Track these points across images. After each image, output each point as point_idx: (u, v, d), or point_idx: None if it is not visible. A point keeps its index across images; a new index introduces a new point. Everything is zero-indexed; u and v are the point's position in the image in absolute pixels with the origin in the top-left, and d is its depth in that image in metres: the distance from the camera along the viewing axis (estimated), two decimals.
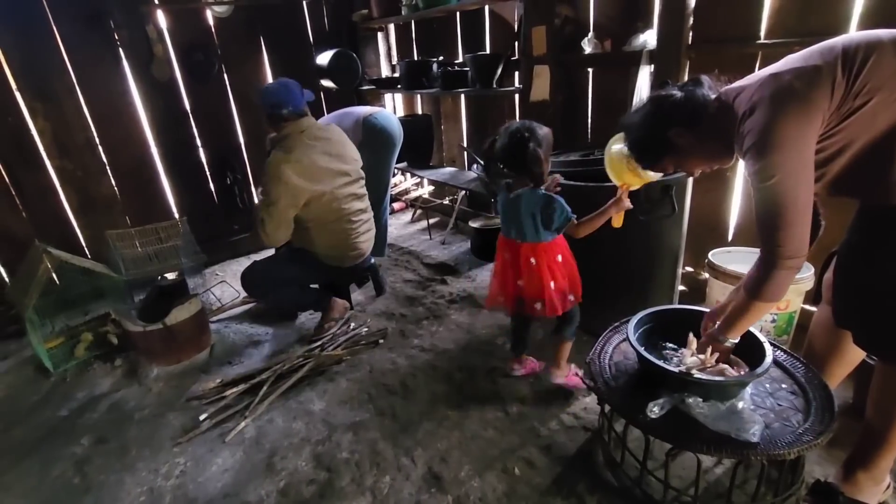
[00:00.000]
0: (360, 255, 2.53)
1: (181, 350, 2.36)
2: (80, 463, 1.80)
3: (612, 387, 1.45)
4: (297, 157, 2.18)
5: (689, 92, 1.26)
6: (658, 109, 1.29)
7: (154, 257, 2.94)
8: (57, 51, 2.80)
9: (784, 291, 1.19)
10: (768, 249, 1.15)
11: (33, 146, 2.85)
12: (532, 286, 1.77)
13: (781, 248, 1.12)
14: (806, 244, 1.14)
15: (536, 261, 1.74)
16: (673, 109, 1.26)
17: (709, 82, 1.27)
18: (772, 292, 1.18)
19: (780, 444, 1.19)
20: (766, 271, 1.16)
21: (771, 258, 1.14)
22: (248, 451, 1.79)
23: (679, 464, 1.49)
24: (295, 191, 2.17)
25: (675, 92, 1.27)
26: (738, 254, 2.13)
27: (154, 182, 3.30)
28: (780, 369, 1.46)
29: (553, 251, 1.76)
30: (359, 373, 2.18)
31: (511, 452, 1.68)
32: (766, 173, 1.10)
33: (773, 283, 1.17)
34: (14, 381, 2.36)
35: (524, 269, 1.77)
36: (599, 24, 2.55)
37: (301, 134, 2.24)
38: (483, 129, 3.54)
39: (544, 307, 1.76)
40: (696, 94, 1.25)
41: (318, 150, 2.25)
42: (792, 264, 1.14)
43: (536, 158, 1.63)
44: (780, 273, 1.15)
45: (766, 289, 1.18)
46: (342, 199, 2.35)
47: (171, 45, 3.14)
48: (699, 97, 1.25)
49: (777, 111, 1.08)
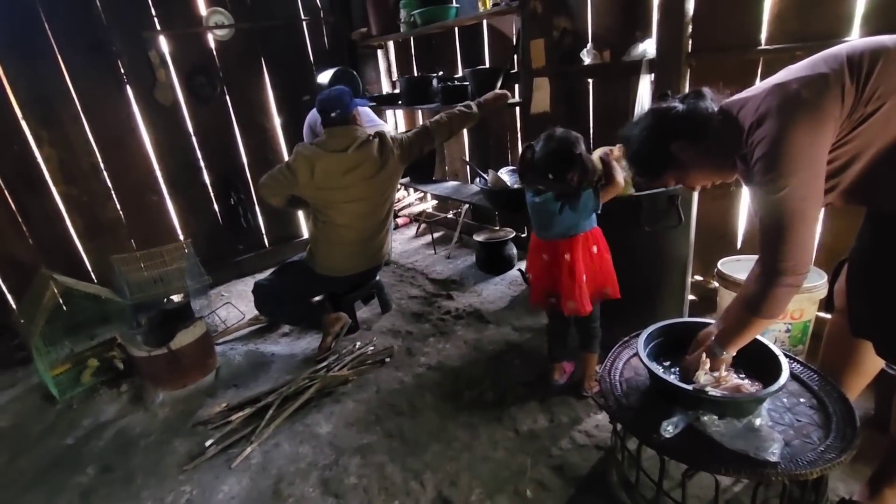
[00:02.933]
0: (335, 270, 2.54)
1: (186, 374, 2.34)
2: (85, 493, 1.78)
3: (623, 405, 1.41)
4: (313, 154, 2.31)
5: (691, 104, 1.23)
6: (660, 122, 1.27)
7: (159, 280, 2.94)
8: (62, 79, 2.84)
9: (784, 307, 1.16)
10: (770, 263, 1.12)
11: (39, 173, 2.88)
12: (565, 284, 1.75)
13: (783, 263, 1.09)
14: (809, 261, 1.11)
15: (571, 256, 1.73)
16: (675, 123, 1.23)
17: (711, 94, 1.25)
18: (772, 308, 1.15)
19: (802, 463, 1.14)
20: (766, 287, 1.13)
21: (772, 272, 1.11)
22: (254, 477, 1.76)
23: (696, 483, 1.44)
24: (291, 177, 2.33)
25: (677, 104, 1.25)
26: (747, 262, 2.09)
27: (159, 205, 3.32)
28: (798, 382, 1.41)
29: (588, 242, 1.76)
30: (365, 393, 2.15)
31: (522, 474, 1.64)
32: (775, 185, 1.07)
33: (773, 299, 1.13)
34: (21, 408, 2.35)
35: (559, 268, 1.76)
36: (598, 35, 2.55)
37: (332, 140, 2.35)
38: (485, 142, 3.54)
39: (575, 305, 1.75)
40: (699, 106, 1.23)
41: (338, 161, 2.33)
42: (793, 281, 1.11)
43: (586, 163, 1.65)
44: (780, 290, 1.12)
45: (766, 305, 1.14)
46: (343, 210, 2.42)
47: (174, 69, 3.17)
48: (702, 110, 1.22)
49: (787, 121, 1.05)
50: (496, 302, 2.84)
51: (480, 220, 3.79)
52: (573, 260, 1.73)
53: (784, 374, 1.26)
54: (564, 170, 1.65)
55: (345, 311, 2.65)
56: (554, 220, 1.73)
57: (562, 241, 1.75)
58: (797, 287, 1.13)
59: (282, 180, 2.36)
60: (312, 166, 2.30)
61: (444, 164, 3.95)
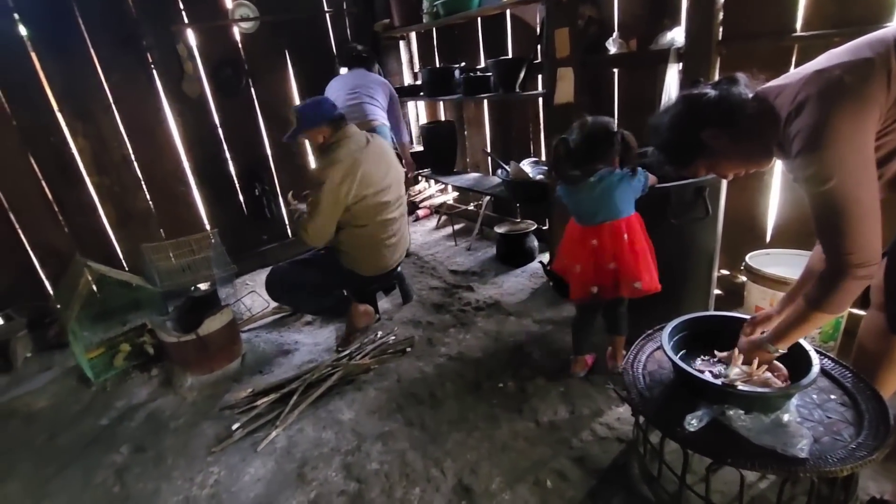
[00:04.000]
0: (385, 268, 2.54)
1: (214, 360, 2.41)
2: (119, 471, 1.86)
3: (646, 397, 1.40)
4: (341, 159, 2.24)
5: (724, 91, 1.20)
6: (690, 109, 1.23)
7: (187, 269, 3.02)
8: (94, 72, 2.92)
9: (850, 302, 1.11)
10: (835, 259, 1.06)
11: (74, 164, 2.98)
12: (627, 265, 1.74)
13: (850, 256, 1.04)
14: (877, 249, 1.05)
15: (630, 236, 1.73)
16: (707, 109, 1.20)
17: (745, 80, 1.20)
18: (838, 303, 1.10)
19: (832, 460, 1.12)
20: (834, 281, 1.08)
21: (839, 267, 1.06)
22: (279, 460, 1.81)
23: (720, 478, 1.43)
24: (338, 193, 2.23)
25: (709, 91, 1.21)
26: (777, 256, 2.05)
27: (186, 195, 3.40)
28: (828, 379, 1.38)
29: (638, 223, 1.77)
30: (387, 382, 2.18)
31: (543, 464, 1.64)
32: (821, 176, 1.02)
33: (841, 294, 1.08)
34: (59, 390, 2.46)
35: (619, 250, 1.74)
36: (624, 24, 2.50)
37: (347, 140, 2.31)
38: (506, 133, 3.52)
39: (642, 285, 1.73)
40: (731, 92, 1.19)
41: (363, 156, 2.30)
42: (864, 273, 1.05)
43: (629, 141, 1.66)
44: (851, 283, 1.06)
45: (833, 299, 1.10)
46: (377, 207, 2.38)
47: (201, 62, 3.23)
48: (735, 96, 1.18)
49: (828, 109, 1.01)
50: (517, 294, 2.84)
51: (501, 212, 3.78)
52: (632, 238, 1.73)
53: (814, 369, 1.23)
54: (606, 149, 1.67)
55: (367, 301, 2.68)
56: (604, 202, 1.72)
57: (615, 222, 1.73)
58: (869, 278, 1.07)
59: (334, 210, 2.26)
60: (355, 175, 2.24)
61: (466, 155, 3.94)
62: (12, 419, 2.26)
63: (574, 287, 1.87)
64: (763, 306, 1.93)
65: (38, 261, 2.98)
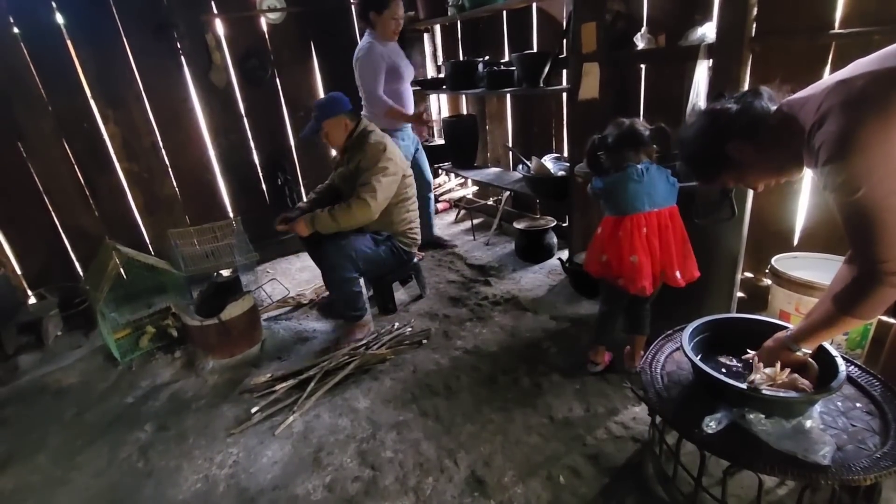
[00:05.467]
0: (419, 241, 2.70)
1: (235, 344, 2.46)
2: (143, 448, 1.92)
3: (664, 398, 1.39)
4: (385, 139, 2.46)
5: (746, 104, 1.19)
6: (714, 123, 1.24)
7: (211, 255, 3.09)
8: (126, 61, 3.00)
9: (882, 310, 1.09)
10: (869, 266, 1.04)
11: (105, 150, 3.06)
12: (670, 255, 1.75)
13: (885, 264, 1.01)
14: None
15: (673, 224, 1.75)
16: (730, 122, 1.20)
17: (769, 93, 1.20)
18: (869, 310, 1.08)
19: (855, 469, 1.10)
20: (867, 287, 1.06)
21: (873, 275, 1.04)
22: (296, 445, 1.85)
23: (737, 482, 1.41)
24: (397, 168, 2.43)
25: (731, 105, 1.21)
26: (805, 259, 2.00)
27: (211, 183, 3.47)
28: (854, 386, 1.35)
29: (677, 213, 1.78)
30: (402, 372, 2.20)
31: (556, 460, 1.65)
32: (849, 187, 1.00)
33: (873, 301, 1.06)
34: (87, 368, 2.54)
35: (668, 237, 1.76)
36: (653, 18, 2.45)
37: (372, 125, 2.52)
38: (528, 128, 3.49)
39: (683, 274, 1.75)
40: (754, 105, 1.18)
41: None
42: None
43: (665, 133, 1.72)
44: (884, 290, 1.04)
45: (864, 305, 1.07)
46: (408, 181, 2.57)
47: (228, 52, 3.28)
48: (758, 108, 1.18)
49: (851, 120, 0.99)
50: (534, 290, 2.83)
51: (521, 208, 3.76)
52: (675, 228, 1.75)
53: (840, 376, 1.20)
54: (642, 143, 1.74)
55: (384, 292, 2.71)
56: (657, 186, 1.73)
57: (662, 210, 1.75)
58: None
59: (393, 184, 2.41)
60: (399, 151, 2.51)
61: (487, 150, 3.93)
62: (44, 394, 2.35)
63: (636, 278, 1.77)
64: (788, 310, 1.89)
65: (70, 243, 3.08)
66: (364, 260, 2.42)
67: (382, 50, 2.92)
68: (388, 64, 2.94)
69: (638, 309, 1.92)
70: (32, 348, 2.74)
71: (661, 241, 1.75)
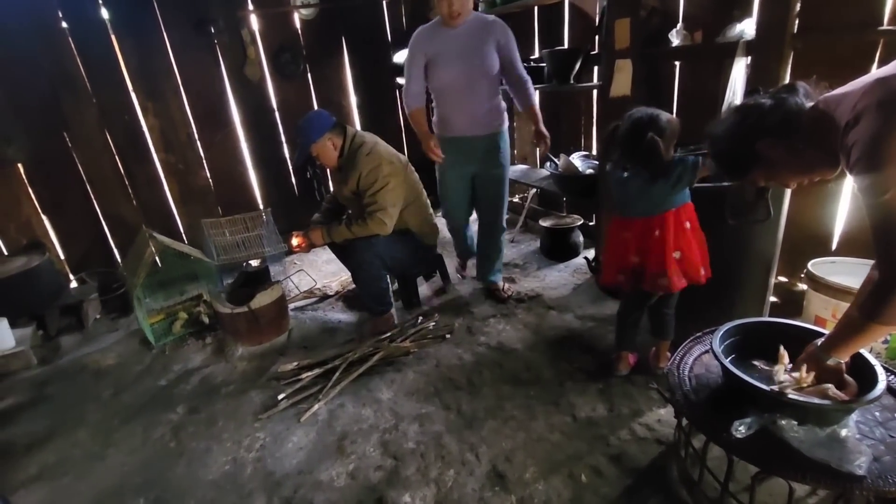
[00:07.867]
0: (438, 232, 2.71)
1: (263, 332, 2.53)
2: (175, 429, 1.99)
3: (691, 400, 1.37)
4: (376, 148, 2.37)
5: (780, 100, 1.15)
6: (745, 119, 1.20)
7: (241, 245, 3.17)
8: (166, 55, 3.10)
9: None
10: (889, 269, 1.02)
11: (144, 141, 3.18)
12: (655, 261, 1.72)
13: None
14: None
15: (661, 232, 1.70)
16: (762, 119, 1.16)
17: (805, 89, 1.15)
18: (894, 315, 1.04)
19: (893, 481, 1.06)
20: (889, 292, 1.03)
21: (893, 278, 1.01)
22: (320, 432, 1.89)
23: (766, 489, 1.38)
24: (399, 174, 2.38)
25: (765, 100, 1.17)
26: (843, 264, 1.93)
27: (243, 175, 3.56)
28: (894, 396, 1.30)
29: (680, 218, 1.71)
30: (426, 366, 2.22)
31: (578, 459, 1.64)
32: (878, 188, 0.97)
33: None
34: (123, 350, 2.65)
35: (647, 245, 1.72)
36: (690, 14, 2.39)
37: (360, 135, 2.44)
38: (557, 125, 3.45)
39: (669, 282, 1.70)
40: (788, 101, 1.14)
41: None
42: None
43: (654, 148, 1.58)
44: None
45: (889, 311, 1.04)
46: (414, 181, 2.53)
47: (262, 46, 3.36)
48: (792, 105, 1.13)
49: (887, 119, 0.95)
50: (559, 289, 2.81)
51: (547, 206, 3.73)
52: (664, 235, 1.69)
53: (880, 385, 1.16)
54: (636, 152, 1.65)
55: (408, 286, 2.73)
56: (641, 195, 1.69)
57: (652, 217, 1.70)
58: None
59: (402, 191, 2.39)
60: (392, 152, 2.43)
61: (514, 147, 3.90)
62: (83, 373, 2.46)
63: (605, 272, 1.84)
64: (824, 316, 1.83)
65: (109, 230, 3.21)
66: (391, 257, 2.45)
67: (430, 36, 2.35)
68: (430, 55, 2.35)
69: (660, 311, 1.88)
70: (73, 330, 2.87)
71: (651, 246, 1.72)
